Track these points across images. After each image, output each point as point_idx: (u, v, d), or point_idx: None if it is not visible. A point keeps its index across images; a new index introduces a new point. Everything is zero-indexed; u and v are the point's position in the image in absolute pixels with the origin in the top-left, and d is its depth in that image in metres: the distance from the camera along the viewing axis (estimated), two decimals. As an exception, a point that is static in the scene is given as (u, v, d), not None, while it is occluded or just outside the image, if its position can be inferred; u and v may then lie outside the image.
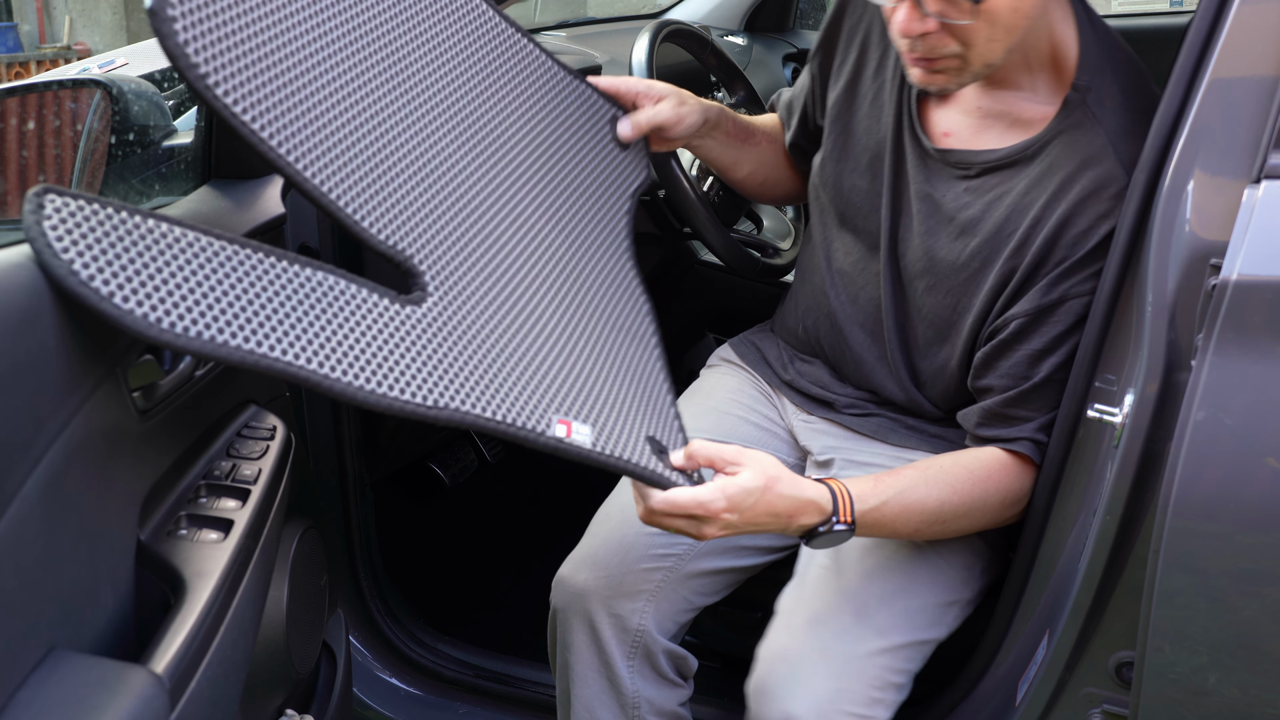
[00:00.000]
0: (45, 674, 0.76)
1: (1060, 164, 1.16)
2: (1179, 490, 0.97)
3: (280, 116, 0.97)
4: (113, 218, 0.83)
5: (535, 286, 1.16)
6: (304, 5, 1.03)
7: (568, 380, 1.11)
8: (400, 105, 1.12)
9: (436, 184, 1.12)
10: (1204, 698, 1.04)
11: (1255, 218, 0.96)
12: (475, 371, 1.02)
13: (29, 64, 8.92)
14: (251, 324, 0.88)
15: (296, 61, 1.01)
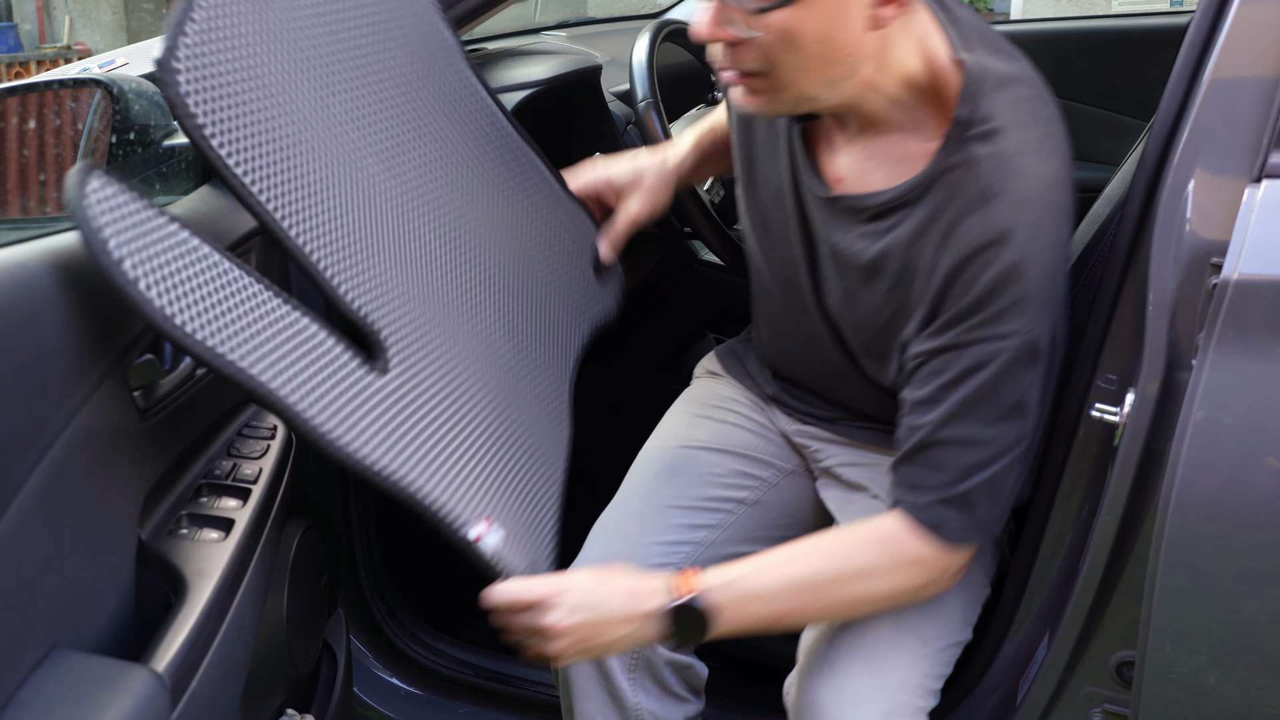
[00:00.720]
0: (46, 673, 0.76)
1: (943, 210, 1.05)
2: (1179, 490, 0.97)
3: (271, 175, 1.02)
4: (143, 210, 0.86)
5: (479, 389, 1.21)
6: (306, 81, 1.09)
7: (488, 485, 1.16)
8: (389, 186, 1.17)
9: (411, 270, 1.16)
10: (1204, 697, 1.04)
11: (1256, 217, 0.96)
12: (421, 451, 1.08)
13: (29, 64, 8.92)
14: (245, 344, 0.92)
15: (293, 129, 1.06)
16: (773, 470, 1.38)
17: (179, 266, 0.87)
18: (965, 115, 1.04)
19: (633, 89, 1.67)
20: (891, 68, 1.05)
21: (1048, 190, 1.02)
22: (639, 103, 1.65)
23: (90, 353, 0.83)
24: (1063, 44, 3.00)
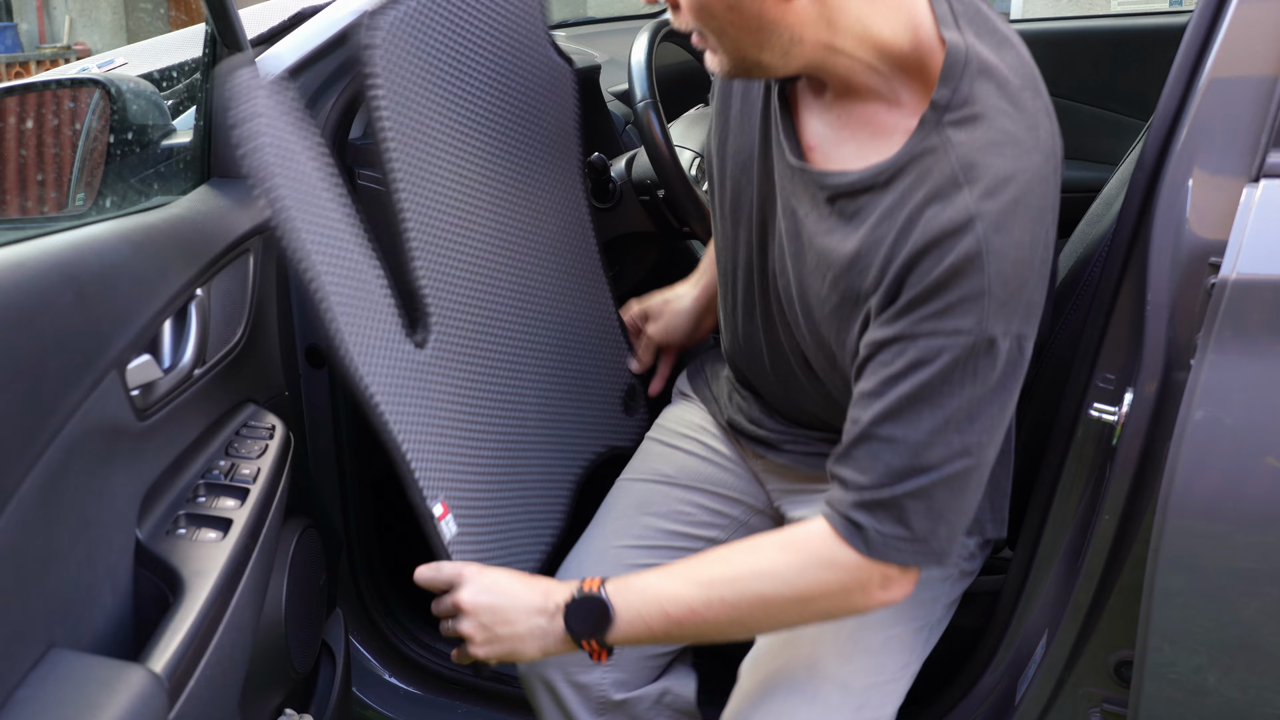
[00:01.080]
0: (44, 672, 0.76)
1: (910, 196, 0.99)
2: (1178, 489, 0.97)
3: (408, 149, 1.20)
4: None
5: (496, 410, 1.34)
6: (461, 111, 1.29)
7: (461, 482, 1.26)
8: (488, 226, 1.35)
9: (476, 290, 1.33)
10: (1203, 697, 1.04)
11: (1254, 216, 0.96)
12: (424, 422, 1.20)
13: (29, 64, 8.92)
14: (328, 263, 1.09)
15: (435, 131, 1.24)
16: (743, 508, 1.36)
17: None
18: (944, 98, 0.97)
19: (631, 89, 1.67)
20: (857, 32, 0.98)
21: (1022, 185, 0.95)
22: (638, 103, 1.65)
23: (88, 353, 0.83)
24: (1062, 44, 3.00)
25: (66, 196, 1.29)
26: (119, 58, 1.54)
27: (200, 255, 1.05)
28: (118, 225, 0.95)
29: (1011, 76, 0.99)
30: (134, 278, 0.92)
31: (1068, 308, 1.27)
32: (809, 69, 1.03)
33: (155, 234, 0.99)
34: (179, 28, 9.98)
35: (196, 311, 1.03)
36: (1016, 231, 0.94)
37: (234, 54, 1.15)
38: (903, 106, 1.01)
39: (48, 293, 0.79)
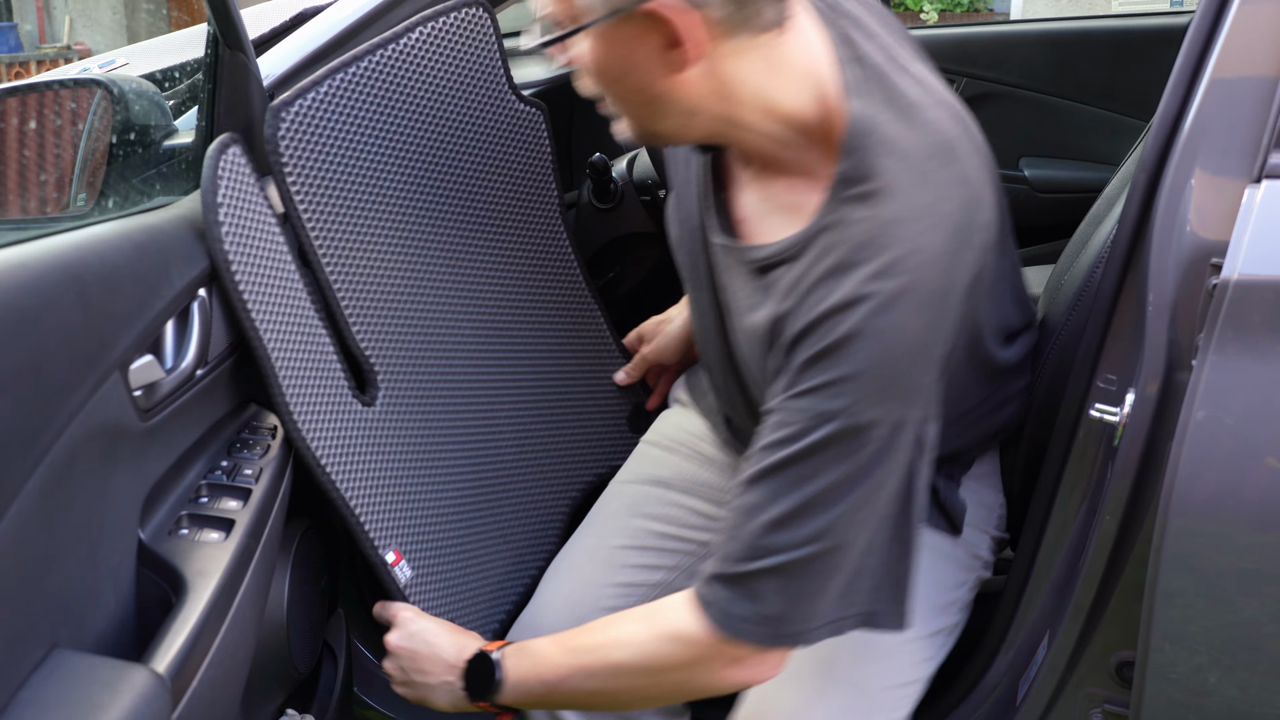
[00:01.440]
0: (47, 673, 0.76)
1: (811, 269, 0.94)
2: (1179, 490, 0.97)
3: (330, 216, 1.26)
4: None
5: (457, 462, 1.40)
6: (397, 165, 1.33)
7: (419, 528, 1.33)
8: (442, 273, 1.39)
9: (428, 345, 1.37)
10: (1204, 698, 1.04)
11: (1256, 217, 0.96)
12: (373, 475, 1.27)
13: (29, 64, 8.92)
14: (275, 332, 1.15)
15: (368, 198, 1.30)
16: None
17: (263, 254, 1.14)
18: (846, 171, 0.93)
19: (633, 89, 1.66)
20: (757, 105, 0.95)
21: (918, 265, 0.88)
22: (639, 102, 1.65)
23: (90, 353, 0.83)
24: (1063, 44, 3.00)
25: (68, 197, 1.29)
26: (120, 58, 1.54)
27: (202, 256, 1.05)
28: (120, 226, 0.95)
29: (917, 147, 0.92)
30: (136, 278, 0.92)
31: (1068, 309, 1.28)
32: (716, 140, 1.01)
33: (158, 234, 0.99)
34: (180, 28, 9.99)
35: (199, 312, 1.03)
36: (906, 315, 0.89)
37: (236, 54, 1.15)
38: (816, 178, 0.97)
39: (50, 293, 0.79)
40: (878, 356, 0.89)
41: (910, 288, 0.88)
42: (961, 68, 3.05)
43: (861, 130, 0.93)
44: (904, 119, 0.94)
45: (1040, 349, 1.31)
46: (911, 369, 0.90)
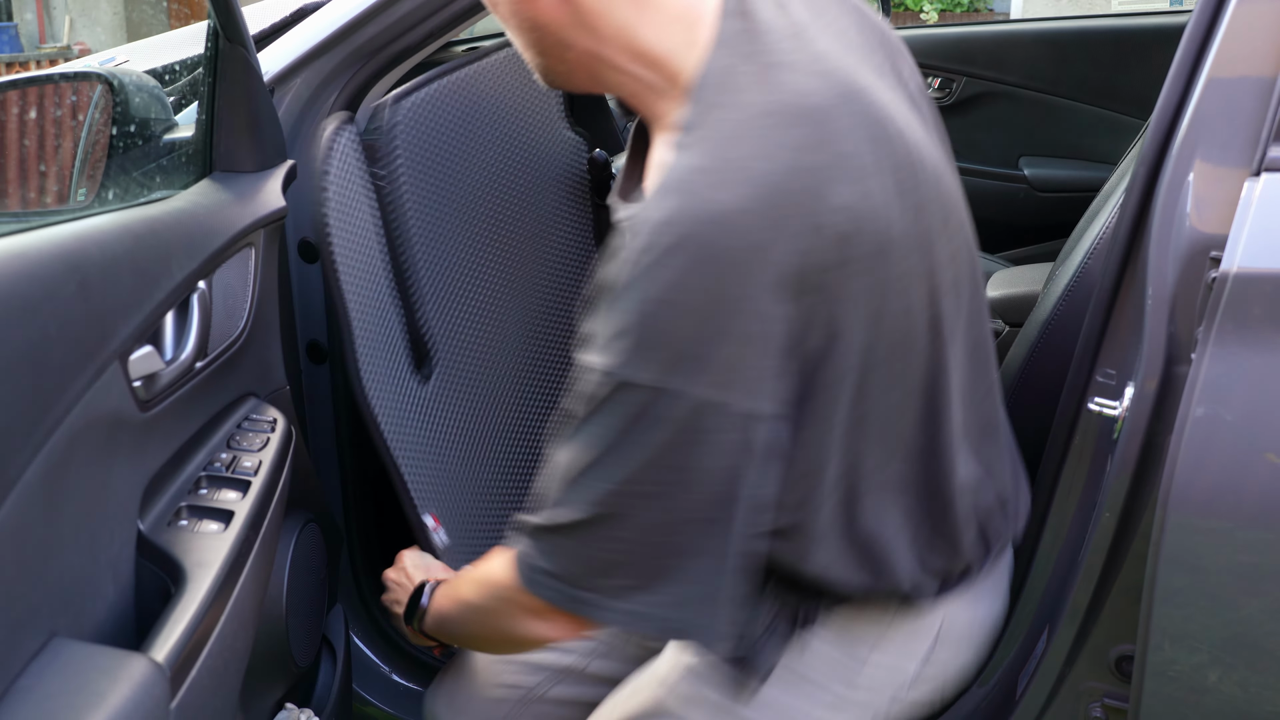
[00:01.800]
0: (46, 661, 0.76)
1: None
2: (1178, 485, 0.97)
3: (422, 205, 1.39)
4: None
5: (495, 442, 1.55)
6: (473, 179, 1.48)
7: (458, 500, 1.44)
8: (500, 279, 1.54)
9: (486, 338, 1.52)
10: (1204, 695, 1.04)
11: (1255, 210, 0.95)
12: (422, 445, 1.39)
13: (29, 64, 8.93)
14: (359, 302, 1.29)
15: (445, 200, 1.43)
16: None
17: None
18: (681, 120, 0.87)
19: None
20: (626, 41, 0.90)
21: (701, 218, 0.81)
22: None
23: (90, 343, 0.83)
24: (1063, 43, 3.00)
25: (69, 190, 1.29)
26: (120, 55, 1.54)
27: (202, 248, 1.05)
28: (120, 217, 0.95)
29: (756, 103, 0.85)
30: (136, 269, 0.92)
31: (1059, 300, 1.28)
32: (596, 84, 0.96)
33: (158, 226, 0.99)
34: (179, 18, 9.99)
35: (198, 304, 1.03)
36: (677, 270, 0.80)
37: (236, 48, 1.15)
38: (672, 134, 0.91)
39: (50, 282, 0.79)
40: (644, 310, 0.81)
41: (685, 240, 0.80)
42: (961, 67, 3.06)
43: (711, 81, 0.87)
44: (760, 76, 0.87)
45: (1035, 345, 1.31)
46: (691, 334, 0.81)
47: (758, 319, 0.82)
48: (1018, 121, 3.04)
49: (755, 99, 0.86)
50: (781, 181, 0.82)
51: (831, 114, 0.86)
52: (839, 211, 0.83)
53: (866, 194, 0.85)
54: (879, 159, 0.87)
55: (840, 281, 0.85)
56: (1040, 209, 3.00)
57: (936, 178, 0.94)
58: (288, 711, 1.22)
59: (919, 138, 0.94)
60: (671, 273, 0.80)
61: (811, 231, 0.82)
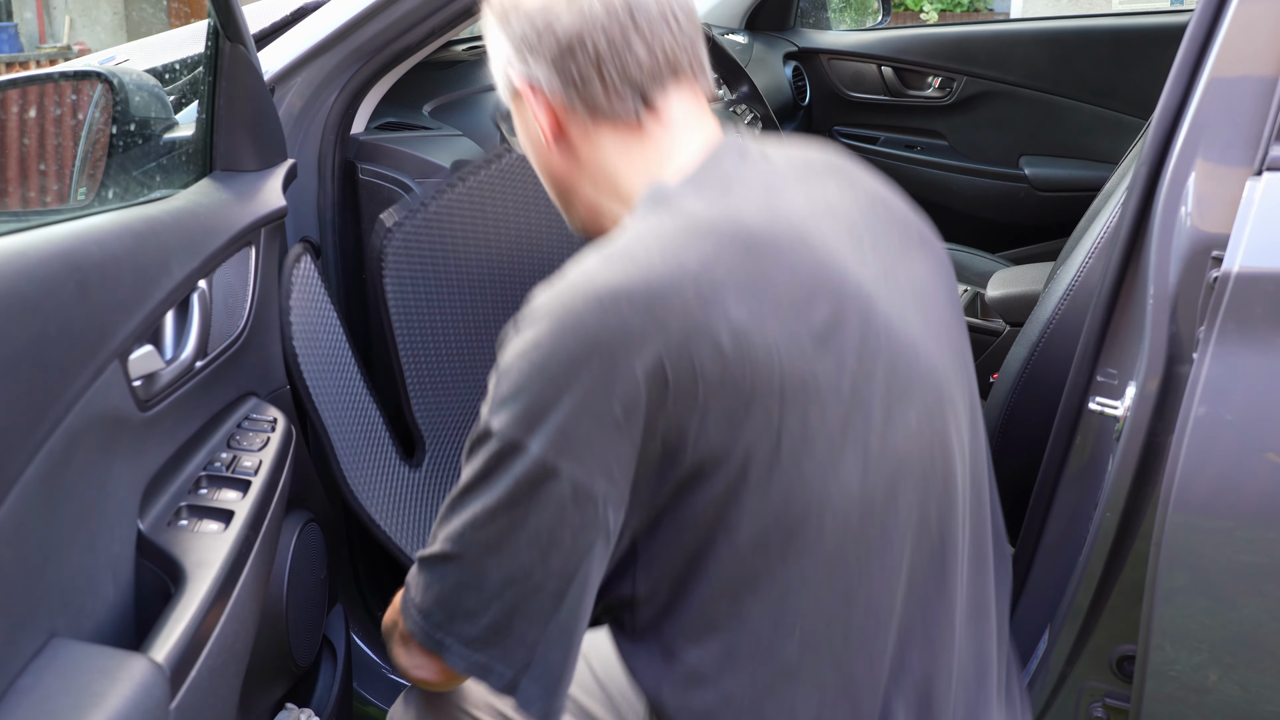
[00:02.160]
0: (46, 661, 0.75)
1: None
2: (1180, 484, 0.97)
3: (411, 315, 1.53)
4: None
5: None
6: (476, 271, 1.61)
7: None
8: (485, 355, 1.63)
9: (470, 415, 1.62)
10: (1205, 695, 1.04)
11: (1257, 210, 0.95)
12: (413, 523, 1.51)
13: (29, 63, 8.92)
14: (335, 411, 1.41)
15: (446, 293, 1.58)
16: None
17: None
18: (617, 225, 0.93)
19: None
20: (612, 186, 0.97)
21: (576, 294, 0.83)
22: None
23: (89, 342, 0.83)
24: (1063, 43, 3.00)
25: (69, 189, 1.29)
26: (120, 54, 1.54)
27: (202, 247, 1.05)
28: (120, 216, 0.94)
29: (691, 216, 0.88)
30: (136, 268, 0.92)
31: (1059, 300, 1.28)
32: (601, 230, 1.00)
33: (157, 225, 0.99)
34: (179, 16, 9.99)
35: (198, 304, 1.03)
36: (541, 332, 0.83)
37: (237, 46, 1.15)
38: None
39: (50, 281, 0.78)
40: (508, 364, 0.85)
41: (558, 307, 0.84)
42: (961, 67, 3.06)
43: (654, 195, 0.91)
44: (705, 198, 0.91)
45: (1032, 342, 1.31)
46: (540, 392, 0.83)
47: (610, 398, 0.83)
48: (1018, 121, 3.04)
49: (689, 212, 0.88)
50: (673, 280, 0.84)
51: (763, 246, 0.87)
52: (728, 330, 0.84)
53: (766, 326, 0.85)
54: (803, 302, 0.87)
55: (712, 401, 0.84)
56: (1040, 209, 3.00)
57: (909, 362, 0.92)
58: (288, 711, 1.22)
59: (899, 316, 0.93)
60: (535, 332, 0.84)
61: (689, 337, 0.83)
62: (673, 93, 0.96)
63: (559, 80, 0.95)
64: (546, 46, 0.95)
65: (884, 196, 1.02)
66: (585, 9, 0.94)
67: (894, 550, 0.91)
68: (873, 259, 0.94)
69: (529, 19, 0.95)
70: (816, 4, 3.38)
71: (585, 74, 0.94)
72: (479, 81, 1.82)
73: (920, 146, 3.17)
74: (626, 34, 0.94)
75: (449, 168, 1.56)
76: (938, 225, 1.06)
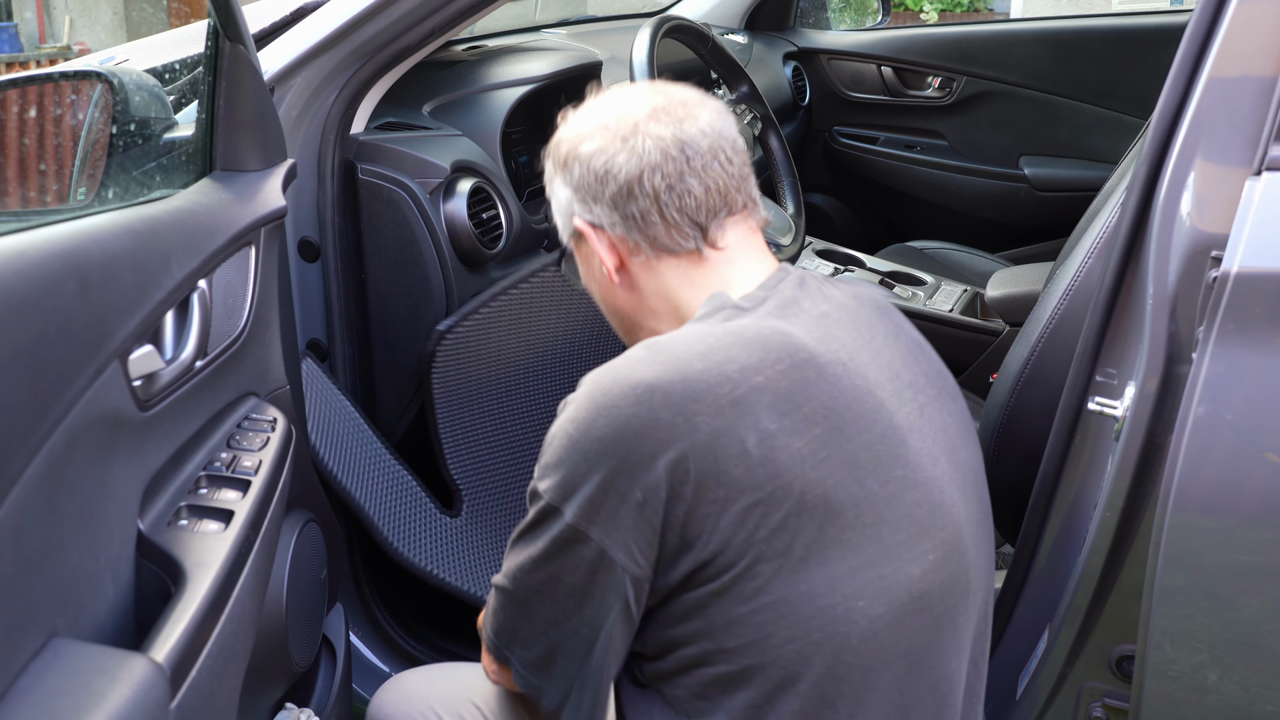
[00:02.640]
0: (46, 661, 0.75)
1: None
2: (1179, 484, 0.97)
3: (454, 401, 1.69)
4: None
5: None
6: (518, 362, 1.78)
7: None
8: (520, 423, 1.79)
9: (505, 473, 1.76)
10: (1205, 695, 1.04)
11: (1256, 210, 0.95)
12: (464, 563, 1.65)
13: (29, 63, 8.92)
14: (363, 481, 1.58)
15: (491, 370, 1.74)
16: None
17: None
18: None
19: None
20: (674, 311, 1.04)
21: (618, 382, 0.90)
22: (639, 98, 1.65)
23: (89, 342, 0.83)
24: (1063, 43, 3.00)
25: (68, 189, 1.29)
26: (120, 54, 1.54)
27: (202, 247, 1.05)
28: (120, 215, 0.94)
29: (740, 327, 0.95)
30: (136, 268, 0.92)
31: (1059, 299, 1.28)
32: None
33: (157, 225, 0.99)
34: (180, 22, 10.00)
35: (198, 303, 1.03)
36: (583, 411, 0.91)
37: (237, 46, 1.15)
38: None
39: (50, 281, 0.78)
40: (554, 436, 0.93)
41: (599, 392, 0.91)
42: (961, 67, 3.06)
43: (710, 307, 0.99)
44: (756, 315, 0.97)
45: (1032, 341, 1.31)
46: (576, 465, 0.91)
47: (633, 484, 0.89)
48: (1018, 121, 3.04)
49: (741, 321, 0.95)
50: (710, 382, 0.89)
51: (805, 364, 0.92)
52: (756, 436, 0.88)
53: (796, 439, 0.89)
54: (838, 424, 0.92)
55: (731, 501, 0.89)
56: (1040, 208, 3.00)
57: (935, 502, 0.96)
58: (288, 711, 1.22)
59: (930, 459, 0.97)
60: (576, 410, 0.92)
61: (716, 437, 0.88)
62: (729, 226, 1.02)
63: (620, 220, 1.01)
64: (608, 190, 1.01)
65: (924, 345, 1.08)
66: (642, 152, 1.00)
67: (890, 672, 0.94)
68: (910, 400, 0.99)
69: (588, 165, 1.02)
70: (816, 4, 3.38)
71: (645, 212, 1.00)
72: (479, 81, 1.82)
73: (920, 146, 3.17)
74: (682, 173, 1.00)
75: (449, 169, 1.56)
76: (938, 225, 1.07)
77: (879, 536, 0.91)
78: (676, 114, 1.03)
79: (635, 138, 1.01)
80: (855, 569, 0.90)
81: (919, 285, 2.35)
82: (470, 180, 1.61)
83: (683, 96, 1.06)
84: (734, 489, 0.88)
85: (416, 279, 1.59)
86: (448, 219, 1.58)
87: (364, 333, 1.61)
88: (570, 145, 1.05)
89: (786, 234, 1.95)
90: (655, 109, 1.03)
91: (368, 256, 1.57)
